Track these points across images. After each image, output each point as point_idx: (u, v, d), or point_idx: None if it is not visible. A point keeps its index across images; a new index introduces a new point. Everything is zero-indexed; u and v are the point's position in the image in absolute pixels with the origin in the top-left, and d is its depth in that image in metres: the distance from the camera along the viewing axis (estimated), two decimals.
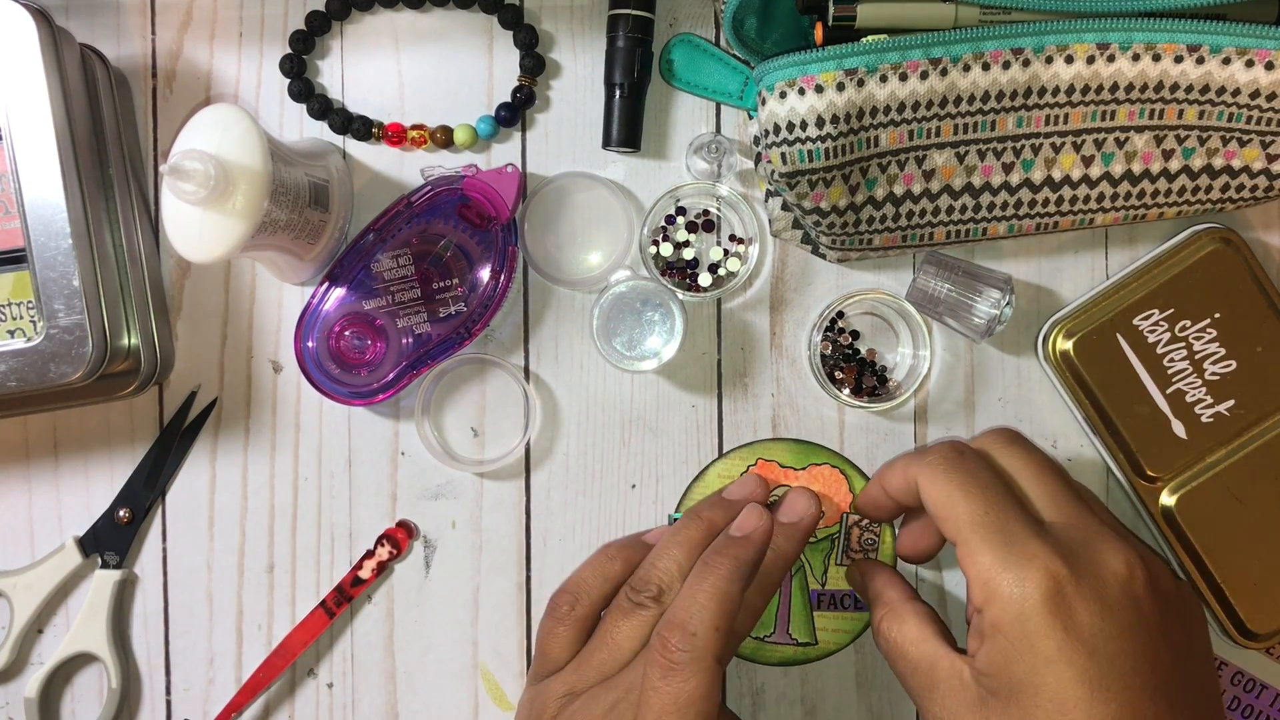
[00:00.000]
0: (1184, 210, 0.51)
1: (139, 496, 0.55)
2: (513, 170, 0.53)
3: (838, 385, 0.54)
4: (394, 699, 0.56)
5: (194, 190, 0.43)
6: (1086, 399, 0.53)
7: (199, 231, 0.45)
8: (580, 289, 0.55)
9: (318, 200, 0.50)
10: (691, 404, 0.55)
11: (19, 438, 0.56)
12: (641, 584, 0.48)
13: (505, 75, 0.55)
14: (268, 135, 0.46)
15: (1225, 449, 0.52)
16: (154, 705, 0.56)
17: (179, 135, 0.46)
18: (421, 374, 0.53)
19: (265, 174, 0.45)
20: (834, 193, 0.49)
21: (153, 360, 0.53)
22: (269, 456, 0.55)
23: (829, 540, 0.55)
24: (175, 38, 0.55)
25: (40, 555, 0.55)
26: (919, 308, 0.53)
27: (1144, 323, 0.52)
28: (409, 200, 0.53)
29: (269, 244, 0.48)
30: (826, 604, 0.55)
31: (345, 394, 0.53)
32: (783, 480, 0.55)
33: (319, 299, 0.53)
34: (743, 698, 0.56)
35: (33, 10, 0.47)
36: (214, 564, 0.55)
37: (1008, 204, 0.50)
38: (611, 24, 0.53)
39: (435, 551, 0.56)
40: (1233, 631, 0.52)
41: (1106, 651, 0.42)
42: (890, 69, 0.46)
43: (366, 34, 0.55)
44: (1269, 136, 0.49)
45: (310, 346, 0.53)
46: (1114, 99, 0.48)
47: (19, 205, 0.47)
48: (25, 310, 0.50)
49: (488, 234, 0.53)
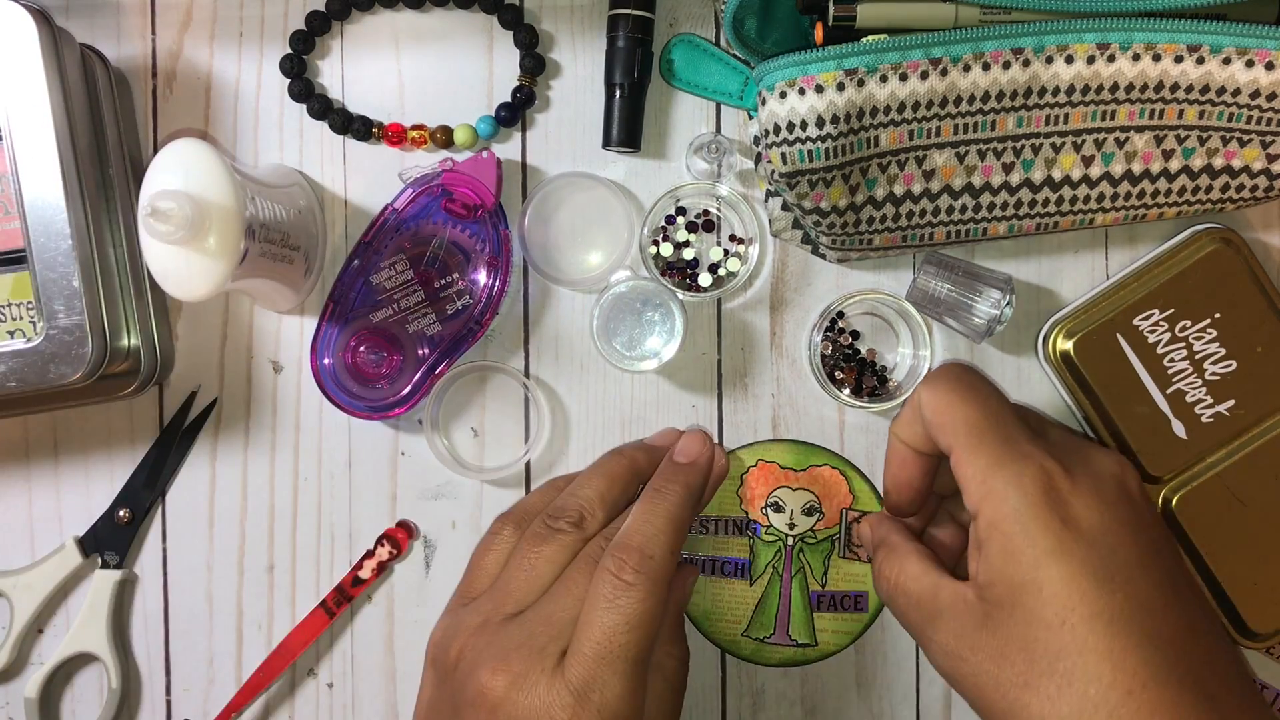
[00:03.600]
0: (1184, 210, 0.51)
1: (139, 496, 0.55)
2: (489, 155, 0.53)
3: (838, 385, 0.54)
4: (394, 699, 0.56)
5: (172, 231, 0.43)
6: (1086, 399, 0.53)
7: (183, 269, 0.44)
8: (580, 289, 0.55)
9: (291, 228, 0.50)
10: (691, 404, 0.55)
11: (19, 438, 0.56)
12: (560, 510, 0.48)
13: (505, 75, 0.55)
14: (233, 167, 0.46)
15: (1225, 449, 0.52)
16: (154, 705, 0.56)
17: (145, 176, 0.45)
18: (441, 375, 0.53)
19: (237, 211, 0.44)
20: (834, 193, 0.49)
21: (153, 360, 0.53)
22: (269, 456, 0.55)
23: (829, 541, 0.55)
24: (175, 38, 0.55)
25: (40, 555, 0.55)
26: (919, 308, 0.53)
27: (1144, 323, 0.52)
28: (393, 207, 0.53)
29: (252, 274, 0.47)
30: (826, 605, 0.55)
31: (366, 409, 0.52)
32: (783, 482, 0.55)
33: (327, 321, 0.53)
34: (743, 698, 0.56)
35: (33, 10, 0.47)
36: (214, 564, 0.55)
37: (1008, 204, 0.50)
38: (611, 24, 0.53)
39: (435, 551, 0.56)
40: (1233, 631, 0.52)
41: (1107, 543, 0.41)
42: (890, 69, 0.46)
43: (366, 34, 0.55)
44: (1269, 136, 0.49)
45: (327, 363, 0.53)
46: (1114, 99, 0.48)
47: (19, 206, 0.47)
48: (25, 310, 0.50)
49: (478, 223, 0.53)
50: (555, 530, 0.47)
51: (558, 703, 0.42)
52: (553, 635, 0.44)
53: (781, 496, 0.55)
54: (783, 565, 0.55)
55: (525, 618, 0.45)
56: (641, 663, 0.44)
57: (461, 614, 0.47)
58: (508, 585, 0.47)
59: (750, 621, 0.55)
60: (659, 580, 0.44)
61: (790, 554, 0.55)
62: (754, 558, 0.55)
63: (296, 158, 0.55)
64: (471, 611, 0.47)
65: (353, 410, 0.52)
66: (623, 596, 0.44)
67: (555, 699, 0.42)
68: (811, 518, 0.55)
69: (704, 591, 0.55)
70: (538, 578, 0.47)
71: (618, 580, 0.44)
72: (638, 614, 0.43)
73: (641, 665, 0.44)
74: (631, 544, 0.45)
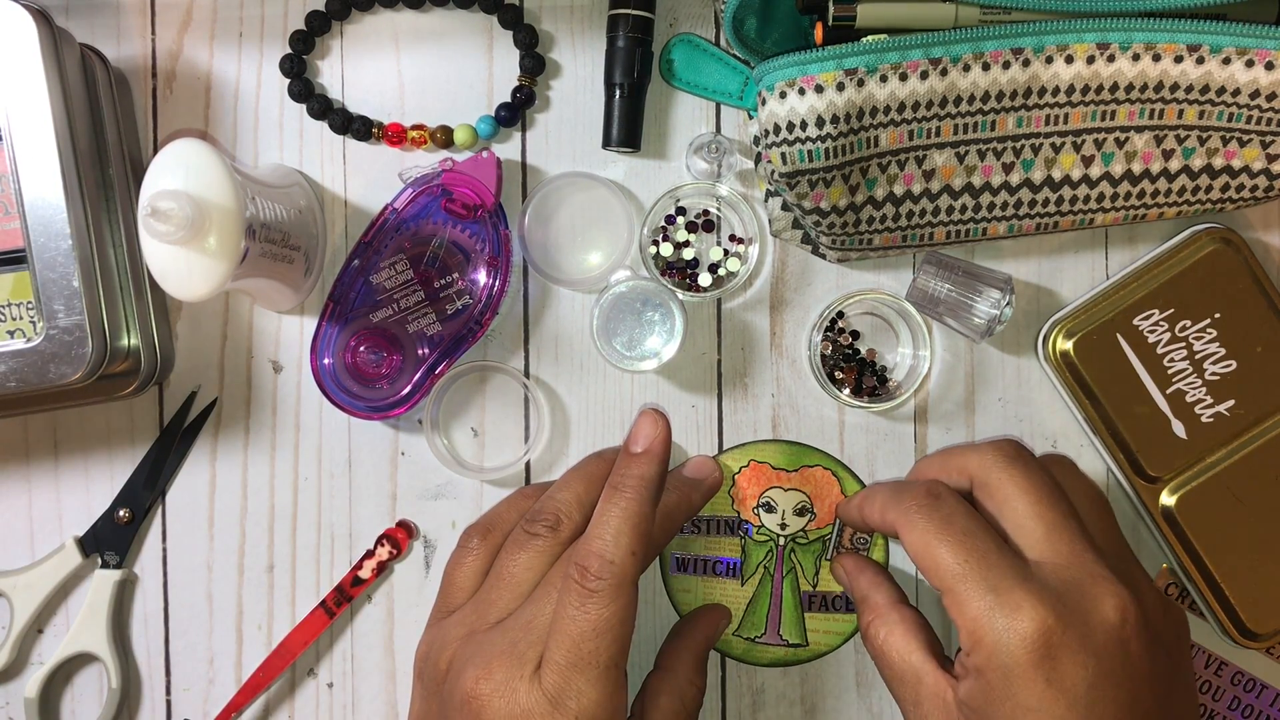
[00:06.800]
0: (1184, 210, 0.51)
1: (139, 496, 0.55)
2: (489, 155, 0.53)
3: (838, 385, 0.54)
4: (394, 699, 0.56)
5: (172, 231, 0.43)
6: (1086, 399, 0.53)
7: (183, 269, 0.44)
8: (580, 289, 0.55)
9: (291, 228, 0.50)
10: (691, 404, 0.55)
11: (19, 438, 0.56)
12: (536, 514, 0.48)
13: (505, 75, 0.55)
14: (233, 167, 0.46)
15: (1225, 449, 0.52)
16: (154, 705, 0.56)
17: (145, 176, 0.45)
18: (440, 375, 0.53)
19: (237, 211, 0.44)
20: (834, 193, 0.49)
21: (153, 360, 0.53)
22: (269, 456, 0.55)
23: (820, 541, 0.55)
24: (175, 38, 0.55)
25: (40, 555, 0.55)
26: (919, 308, 0.53)
27: (1144, 323, 0.52)
28: (393, 207, 0.53)
29: (252, 274, 0.47)
30: (818, 605, 0.55)
31: (366, 409, 0.52)
32: (775, 482, 0.55)
33: (327, 321, 0.53)
34: (742, 697, 0.56)
35: (33, 10, 0.47)
36: (214, 564, 0.55)
37: (1008, 204, 0.50)
38: (611, 24, 0.53)
39: (435, 551, 0.56)
40: (1233, 631, 0.52)
41: (1087, 700, 0.41)
42: (890, 69, 0.46)
43: (366, 34, 0.55)
44: (1269, 136, 0.49)
45: (327, 363, 0.53)
46: (1114, 99, 0.48)
47: (19, 205, 0.47)
48: (25, 310, 0.50)
49: (478, 223, 0.53)
50: (532, 536, 0.48)
51: (536, 710, 0.43)
52: (531, 641, 0.45)
53: (773, 497, 0.55)
54: (774, 565, 0.55)
55: (506, 625, 0.46)
56: (615, 666, 0.44)
57: (445, 625, 0.48)
58: (489, 594, 0.47)
59: (741, 621, 0.55)
60: (623, 583, 0.44)
61: (782, 554, 0.55)
62: (745, 558, 0.55)
63: (296, 158, 0.55)
64: (455, 623, 0.47)
65: (353, 410, 0.52)
66: (588, 604, 0.44)
67: (534, 706, 0.43)
68: (803, 518, 0.55)
69: (695, 591, 0.55)
70: (518, 584, 0.47)
71: (581, 588, 0.44)
72: (604, 620, 0.44)
73: (615, 669, 0.44)
74: (591, 550, 0.45)
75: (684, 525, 0.54)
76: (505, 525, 0.50)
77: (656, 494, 0.48)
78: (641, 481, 0.48)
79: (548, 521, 0.48)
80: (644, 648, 0.55)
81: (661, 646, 0.53)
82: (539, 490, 0.52)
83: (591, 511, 0.48)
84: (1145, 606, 0.44)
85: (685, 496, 0.52)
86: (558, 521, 0.48)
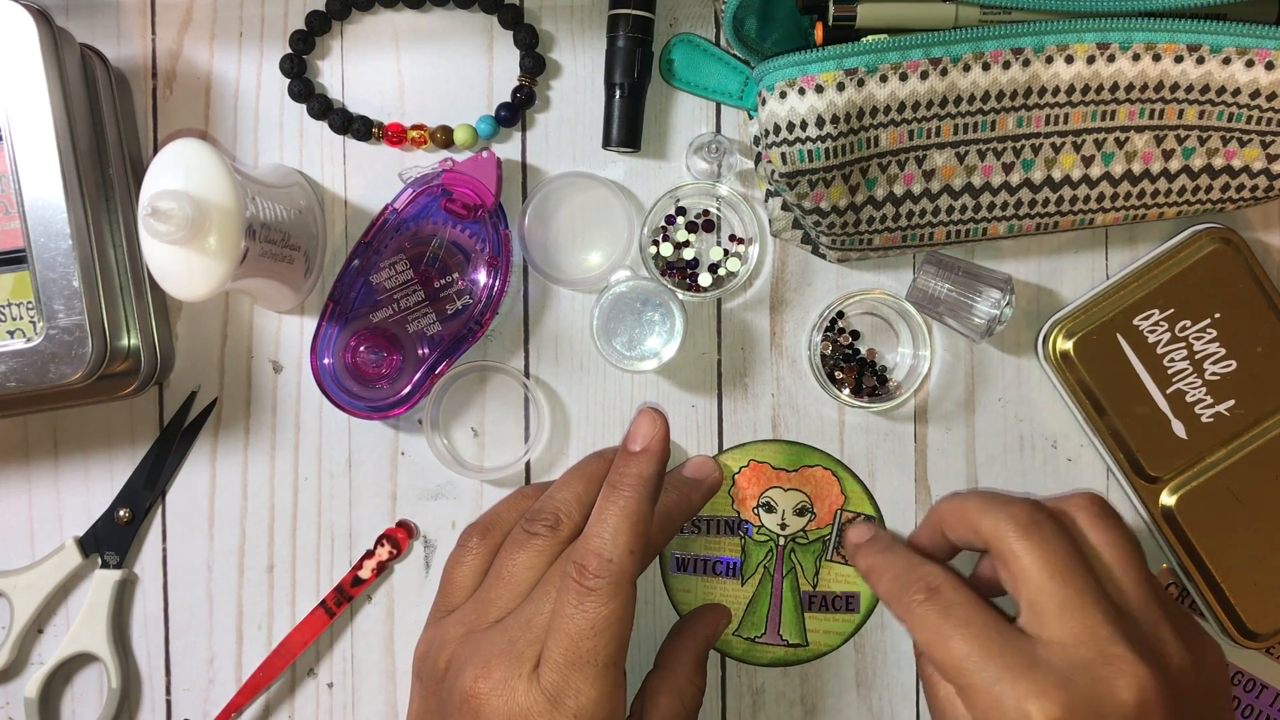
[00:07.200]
0: (1184, 210, 0.51)
1: (139, 496, 0.55)
2: (489, 155, 0.53)
3: (838, 385, 0.54)
4: (394, 699, 0.56)
5: (172, 231, 0.43)
6: (1086, 399, 0.53)
7: (183, 269, 0.44)
8: (580, 289, 0.55)
9: (291, 228, 0.50)
10: (691, 404, 0.55)
11: (19, 438, 0.56)
12: (536, 514, 0.48)
13: (505, 75, 0.55)
14: (233, 167, 0.46)
15: (1225, 449, 0.52)
16: (154, 705, 0.56)
17: (145, 176, 0.45)
18: (440, 375, 0.53)
19: (237, 211, 0.44)
20: (834, 193, 0.49)
21: (153, 360, 0.53)
22: (269, 457, 0.55)
23: (821, 541, 0.55)
24: (175, 38, 0.55)
25: (40, 555, 0.55)
26: (919, 308, 0.53)
27: (1144, 323, 0.52)
28: (393, 207, 0.53)
29: (252, 274, 0.47)
30: (818, 606, 0.55)
31: (366, 409, 0.52)
32: (775, 482, 0.55)
33: (327, 321, 0.53)
34: (743, 697, 0.56)
35: (33, 10, 0.47)
36: (214, 564, 0.55)
37: (1008, 204, 0.50)
38: (611, 24, 0.53)
39: (435, 551, 0.56)
40: (1233, 631, 0.52)
41: None
42: (890, 69, 0.46)
43: (366, 34, 0.55)
44: (1269, 136, 0.49)
45: (327, 363, 0.53)
46: (1114, 99, 0.48)
47: (19, 205, 0.47)
48: (25, 310, 0.50)
49: (478, 223, 0.53)
50: (532, 535, 0.48)
51: (534, 709, 0.43)
52: (530, 640, 0.45)
53: (773, 497, 0.55)
54: (774, 565, 0.55)
55: (506, 624, 0.46)
56: (613, 665, 0.44)
57: (445, 625, 0.48)
58: (489, 593, 0.47)
59: (741, 621, 0.55)
60: (621, 582, 0.45)
61: (781, 554, 0.55)
62: (745, 558, 0.55)
63: (296, 158, 0.55)
64: (455, 622, 0.47)
65: (353, 410, 0.52)
66: (586, 602, 0.44)
67: (532, 705, 0.43)
68: (803, 518, 0.55)
69: (695, 591, 0.55)
70: (517, 583, 0.47)
71: (580, 587, 0.44)
72: (602, 618, 0.44)
73: (614, 667, 0.44)
74: (590, 549, 0.45)
75: (684, 525, 0.54)
76: (505, 525, 0.50)
77: (655, 492, 0.48)
78: (639, 480, 0.48)
79: (547, 521, 0.48)
80: (644, 647, 0.55)
81: (661, 646, 0.53)
82: (538, 490, 0.52)
83: (591, 511, 0.48)
84: (1170, 676, 0.41)
85: (685, 496, 0.52)
86: (557, 521, 0.48)
